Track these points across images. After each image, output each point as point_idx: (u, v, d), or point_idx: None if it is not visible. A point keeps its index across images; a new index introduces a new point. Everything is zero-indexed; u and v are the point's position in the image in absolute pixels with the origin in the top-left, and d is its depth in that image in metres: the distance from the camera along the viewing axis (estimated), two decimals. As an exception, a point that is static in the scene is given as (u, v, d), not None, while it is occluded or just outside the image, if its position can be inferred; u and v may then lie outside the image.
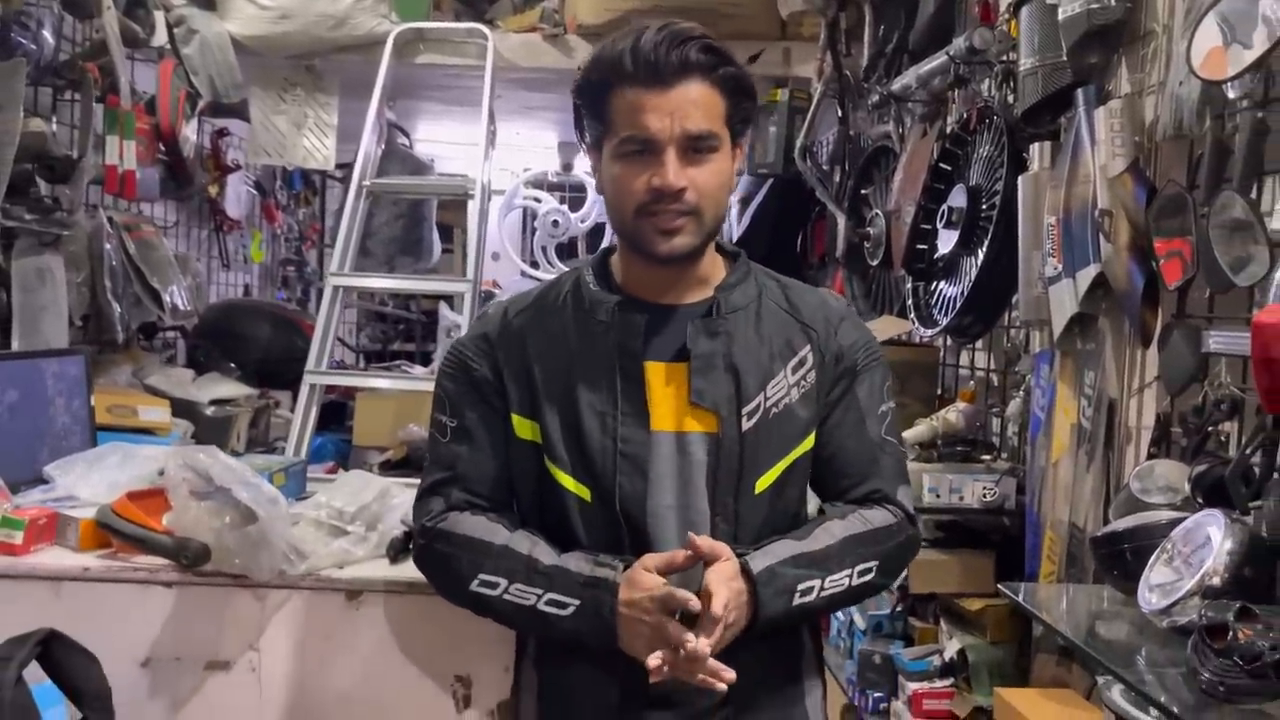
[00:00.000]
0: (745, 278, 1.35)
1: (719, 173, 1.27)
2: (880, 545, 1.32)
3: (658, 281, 1.32)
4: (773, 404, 1.30)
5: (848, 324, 1.38)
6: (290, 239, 4.99)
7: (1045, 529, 1.86)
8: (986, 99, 2.17)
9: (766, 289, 1.36)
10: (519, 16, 3.55)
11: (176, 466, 1.64)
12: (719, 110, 1.26)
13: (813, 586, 1.27)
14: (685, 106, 1.23)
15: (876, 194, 2.81)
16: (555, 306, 1.35)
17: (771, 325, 1.33)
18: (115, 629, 1.58)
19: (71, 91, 2.59)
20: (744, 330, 1.31)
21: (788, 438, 1.31)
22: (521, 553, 1.29)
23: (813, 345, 1.34)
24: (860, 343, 1.37)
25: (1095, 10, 1.66)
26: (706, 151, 1.25)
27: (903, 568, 1.43)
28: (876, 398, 1.36)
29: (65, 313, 2.41)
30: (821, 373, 1.34)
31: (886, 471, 1.36)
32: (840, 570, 1.28)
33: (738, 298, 1.32)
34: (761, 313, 1.33)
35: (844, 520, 1.32)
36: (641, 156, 1.24)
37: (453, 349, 1.41)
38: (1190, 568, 1.23)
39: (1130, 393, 1.69)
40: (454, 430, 1.35)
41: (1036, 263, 1.86)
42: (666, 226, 1.25)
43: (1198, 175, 1.48)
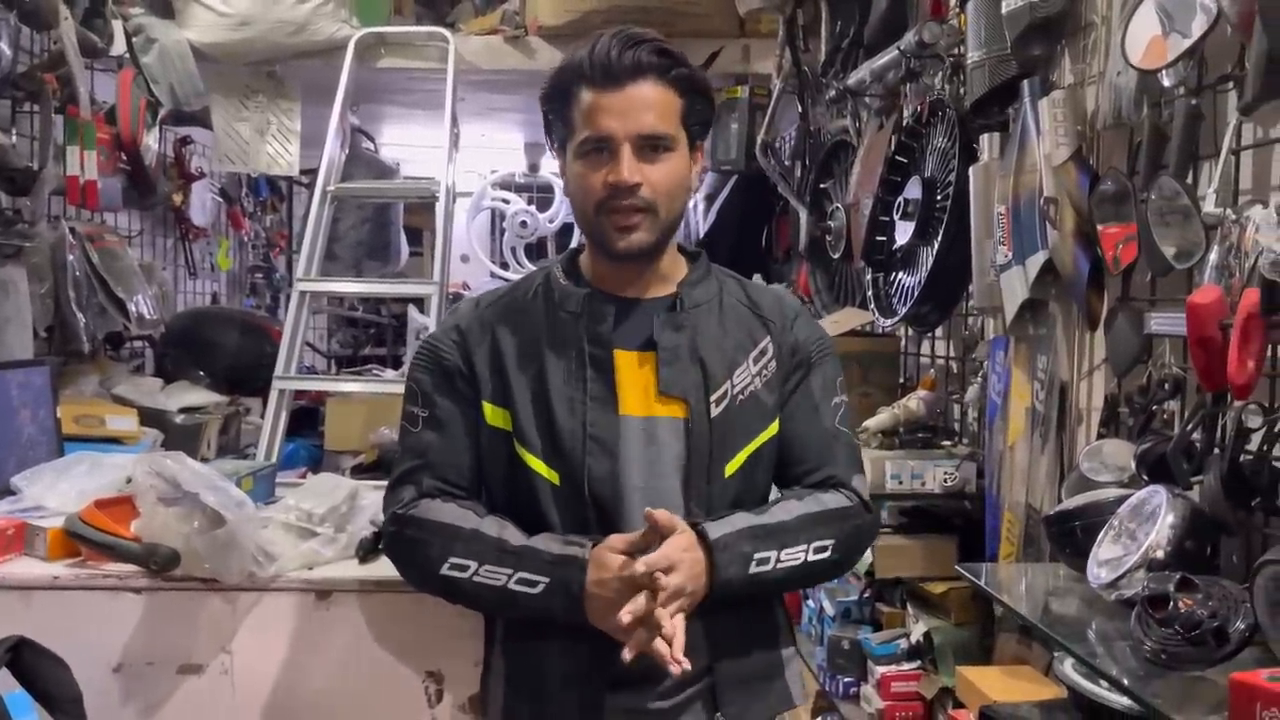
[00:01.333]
0: (706, 275, 1.42)
1: (674, 172, 1.33)
2: (836, 525, 1.37)
3: (622, 276, 1.39)
4: (739, 391, 1.36)
5: (802, 320, 1.46)
6: (258, 246, 4.97)
7: (1004, 511, 1.91)
8: (938, 92, 2.21)
9: (726, 286, 1.44)
10: (480, 19, 3.56)
11: (144, 473, 1.65)
12: (674, 110, 1.32)
13: (768, 558, 1.31)
14: (639, 107, 1.29)
15: (836, 188, 2.85)
16: (526, 300, 1.41)
17: (733, 319, 1.40)
18: (87, 636, 1.59)
19: (30, 103, 2.58)
20: (707, 323, 1.38)
21: (754, 423, 1.37)
22: (491, 535, 1.33)
23: (771, 337, 1.41)
24: (814, 338, 1.45)
25: (1037, 4, 1.70)
26: (661, 150, 1.31)
27: (859, 550, 1.47)
28: (830, 390, 1.43)
29: (29, 324, 2.41)
30: (779, 363, 1.40)
31: (840, 459, 1.42)
32: (796, 545, 1.33)
33: (699, 294, 1.39)
34: (723, 307, 1.40)
35: (800, 501, 1.38)
36: (600, 155, 1.30)
37: (424, 342, 1.46)
38: (1135, 542, 1.27)
39: (1080, 375, 1.74)
40: (425, 420, 1.39)
41: (989, 251, 1.90)
42: (623, 224, 1.31)
43: (1137, 162, 1.52)
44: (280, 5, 3.16)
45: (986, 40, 1.86)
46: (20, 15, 2.36)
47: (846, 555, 1.41)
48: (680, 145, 1.33)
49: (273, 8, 3.15)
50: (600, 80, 1.29)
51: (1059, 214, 1.64)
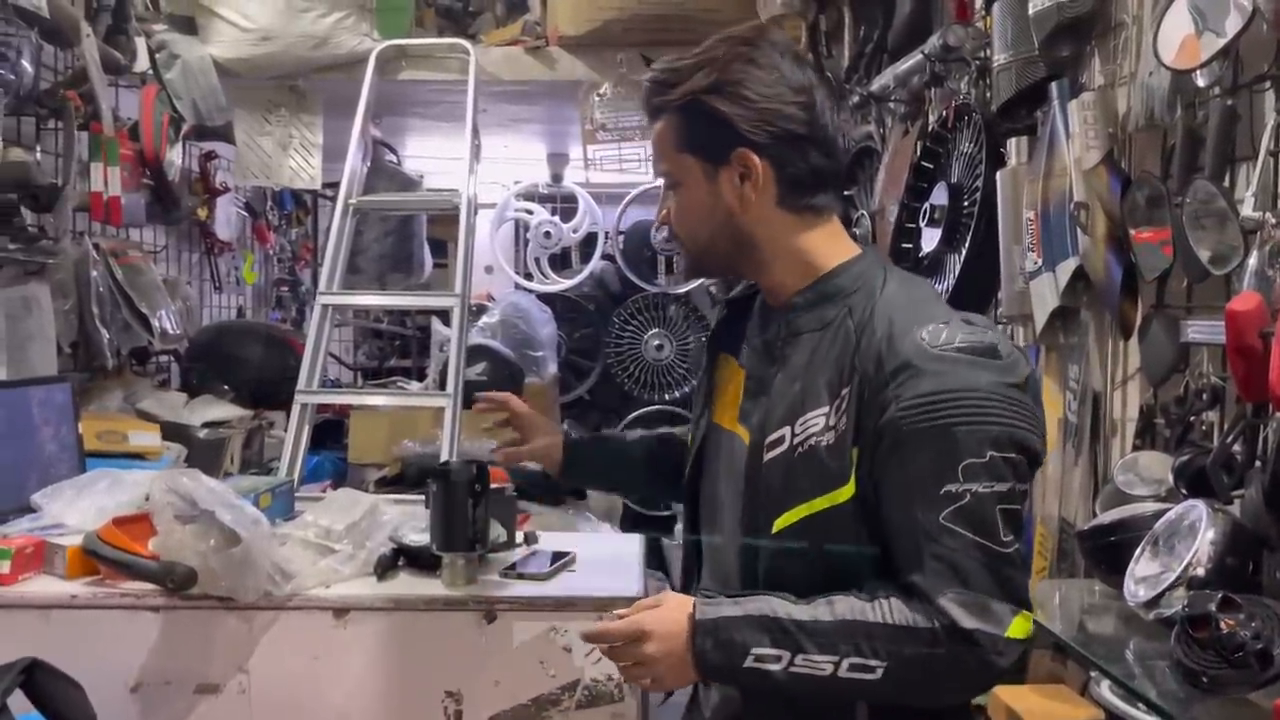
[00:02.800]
0: (830, 296, 1.20)
1: (681, 205, 1.26)
2: (896, 646, 1.07)
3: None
4: (800, 441, 1.15)
5: (912, 372, 1.09)
6: (283, 259, 4.99)
7: (1036, 524, 1.86)
8: (964, 96, 2.17)
9: (852, 310, 1.17)
10: (501, 30, 3.55)
11: (161, 491, 1.65)
12: (670, 141, 1.23)
13: (776, 656, 1.10)
14: (655, 150, 1.29)
15: (861, 194, 2.81)
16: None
17: (831, 353, 1.16)
18: (104, 655, 1.59)
19: (54, 120, 2.59)
20: (799, 356, 1.19)
21: (808, 483, 1.14)
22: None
23: (854, 386, 1.12)
24: (921, 399, 1.08)
25: (1065, 3, 1.66)
26: (674, 187, 1.27)
27: (940, 685, 1.11)
28: (941, 474, 1.07)
29: (53, 340, 2.41)
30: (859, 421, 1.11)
31: (930, 566, 1.07)
32: (822, 653, 1.08)
33: (805, 321, 1.20)
34: (827, 338, 1.17)
35: (861, 602, 1.11)
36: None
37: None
38: (1174, 559, 1.23)
39: (1114, 385, 1.69)
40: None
41: (1017, 257, 1.86)
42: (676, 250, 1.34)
43: (1171, 165, 1.47)
44: (302, 19, 3.17)
45: (1013, 42, 1.82)
46: (42, 33, 2.37)
47: (914, 685, 1.10)
48: (686, 173, 1.22)
49: (295, 22, 3.16)
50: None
51: (1090, 219, 1.59)
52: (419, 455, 3.12)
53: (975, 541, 1.07)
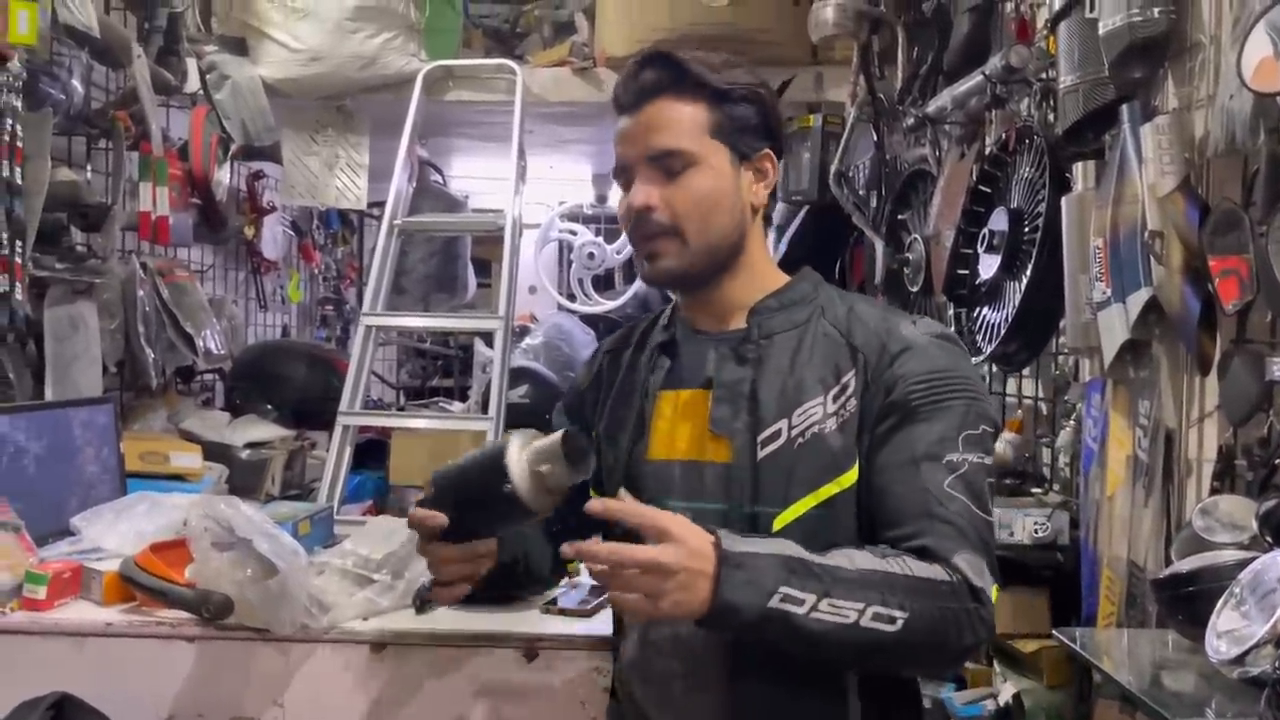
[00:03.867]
0: (794, 302, 1.26)
1: (699, 188, 1.20)
2: (916, 598, 1.08)
3: (696, 307, 1.30)
4: (799, 432, 1.17)
5: (912, 354, 1.19)
6: (329, 278, 5.01)
7: (1102, 567, 1.77)
8: (1025, 118, 2.10)
9: (829, 311, 1.25)
10: (548, 51, 3.54)
11: (198, 517, 1.62)
12: (698, 123, 1.21)
13: (802, 600, 1.05)
14: (648, 128, 1.21)
15: (914, 219, 2.74)
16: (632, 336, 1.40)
17: (817, 349, 1.22)
18: (138, 685, 1.56)
19: (104, 140, 2.60)
20: (779, 356, 1.22)
21: (816, 471, 1.17)
22: None
23: (857, 371, 1.20)
24: (926, 375, 1.18)
25: (1138, 23, 1.58)
26: (681, 169, 1.20)
27: (947, 641, 1.11)
28: (944, 443, 1.16)
29: (99, 360, 2.41)
30: (865, 402, 1.18)
31: (942, 529, 1.13)
32: (848, 600, 1.06)
33: (778, 322, 1.24)
34: (807, 337, 1.23)
35: (879, 556, 1.12)
36: (626, 186, 1.25)
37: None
38: (1262, 613, 1.15)
39: (1189, 423, 1.60)
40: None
41: (1084, 287, 1.78)
42: (646, 250, 1.23)
43: (1253, 192, 1.40)
44: (351, 40, 3.17)
45: (1081, 63, 1.75)
46: (93, 53, 2.38)
47: (927, 642, 1.10)
48: (710, 159, 1.21)
49: (344, 43, 3.16)
50: (620, 108, 1.25)
51: (1165, 248, 1.51)
52: (460, 478, 3.08)
53: (971, 509, 1.15)
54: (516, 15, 3.96)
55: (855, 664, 1.16)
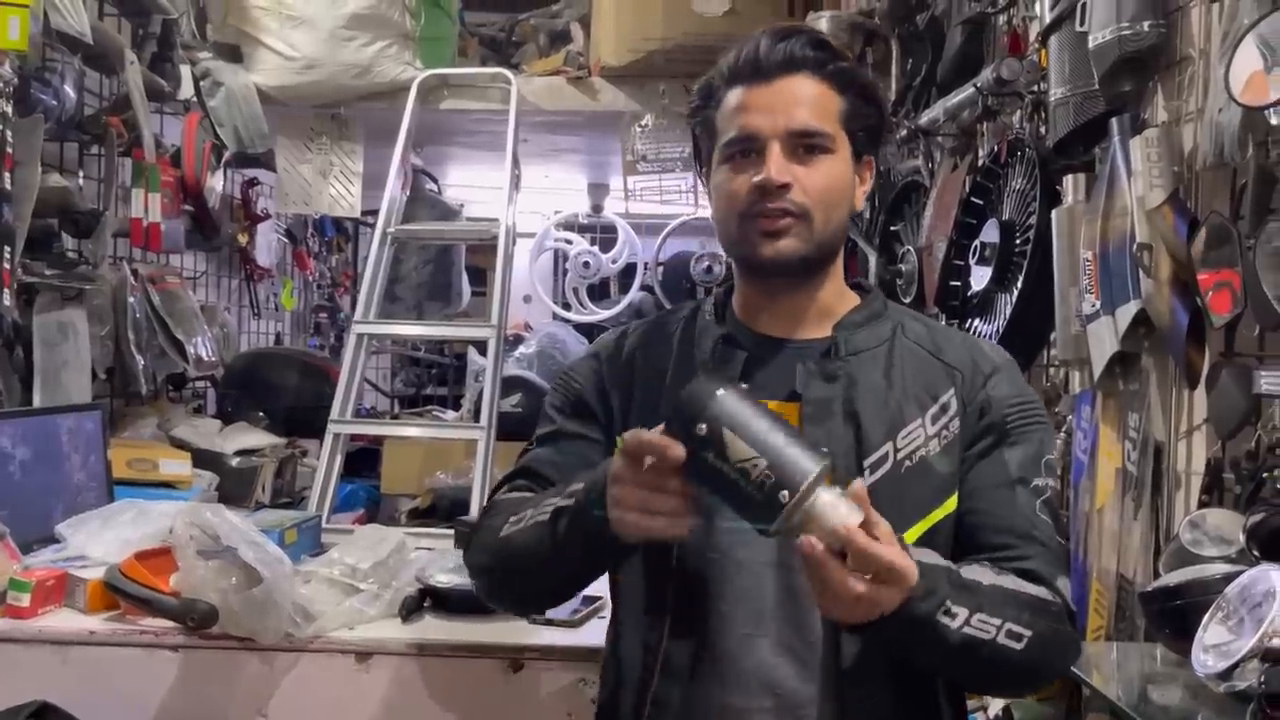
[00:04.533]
0: (876, 316, 1.21)
1: (831, 175, 1.14)
2: (1038, 618, 1.07)
3: (772, 309, 1.20)
4: (905, 455, 1.13)
5: (1002, 376, 1.18)
6: (323, 285, 5.01)
7: (1091, 580, 1.77)
8: (1017, 131, 2.10)
9: (906, 328, 1.21)
10: (544, 60, 3.55)
11: (184, 525, 1.61)
12: (833, 109, 1.15)
13: (958, 614, 1.02)
14: (790, 102, 1.13)
15: (907, 230, 2.74)
16: (667, 333, 1.25)
17: (908, 367, 1.17)
18: (122, 694, 1.55)
19: (97, 146, 2.60)
20: (870, 373, 1.16)
21: (925, 495, 1.13)
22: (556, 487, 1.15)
23: (956, 390, 1.16)
24: (1016, 399, 1.18)
25: (1127, 37, 1.59)
26: (817, 151, 1.13)
27: (1057, 667, 1.14)
28: (1031, 468, 1.15)
29: (88, 366, 2.40)
30: (964, 424, 1.15)
31: (1043, 553, 1.12)
32: (990, 615, 1.04)
33: (863, 338, 1.18)
34: (895, 354, 1.18)
35: (997, 573, 1.09)
36: (746, 158, 1.14)
37: (560, 373, 1.32)
38: (1249, 628, 1.15)
39: (1178, 436, 1.60)
40: (542, 436, 1.26)
41: (1074, 299, 1.78)
42: (770, 228, 1.12)
43: (1241, 205, 1.40)
44: (346, 48, 3.17)
45: (1071, 76, 1.75)
46: (86, 59, 2.38)
47: (1042, 661, 1.10)
48: (841, 148, 1.15)
49: (339, 51, 3.17)
50: (748, 76, 1.14)
51: (1154, 261, 1.52)
52: (451, 488, 3.08)
53: (1054, 531, 1.16)
54: (512, 24, 3.98)
55: (976, 679, 1.15)
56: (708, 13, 3.14)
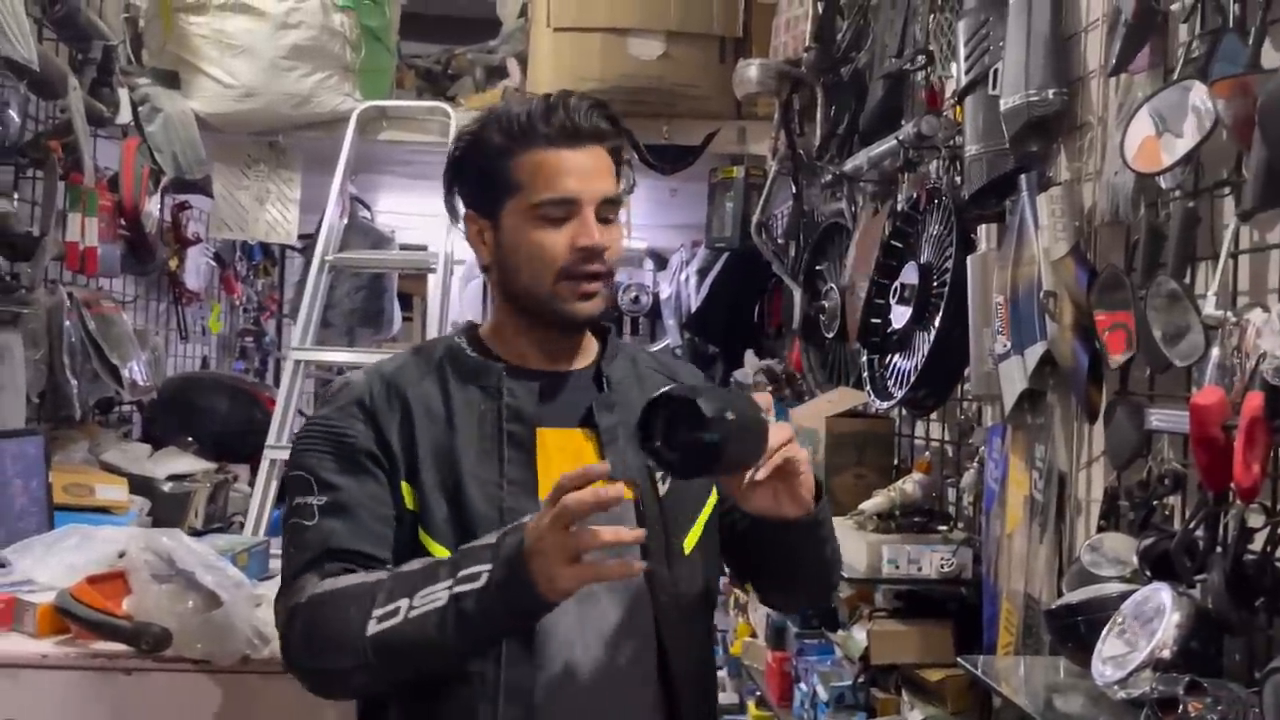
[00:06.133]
0: (618, 351, 1.36)
1: (620, 238, 1.29)
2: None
3: (551, 349, 1.29)
4: None
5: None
6: (249, 309, 4.98)
7: (1002, 600, 1.90)
8: (935, 181, 2.26)
9: (638, 358, 1.39)
10: (481, 95, 3.62)
11: (138, 549, 1.64)
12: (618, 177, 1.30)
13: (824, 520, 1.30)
14: (601, 170, 1.25)
15: (831, 269, 2.88)
16: (429, 371, 1.27)
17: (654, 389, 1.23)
18: (74, 717, 1.56)
19: (34, 169, 2.59)
20: (632, 399, 1.27)
21: (699, 494, 1.31)
22: (416, 566, 1.14)
23: None
24: None
25: (1034, 102, 1.74)
26: (615, 218, 1.27)
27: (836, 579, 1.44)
28: None
29: (23, 390, 2.39)
30: None
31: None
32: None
33: (618, 369, 1.33)
34: (641, 379, 1.34)
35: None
36: (559, 221, 1.22)
37: (311, 425, 1.27)
38: (1142, 640, 1.27)
39: (1079, 466, 1.75)
40: (323, 508, 1.19)
41: (987, 340, 1.93)
42: (586, 289, 1.23)
43: (1134, 259, 1.55)
44: (285, 78, 3.21)
45: (984, 134, 1.90)
46: (30, 84, 2.38)
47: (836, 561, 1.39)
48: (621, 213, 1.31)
49: (278, 80, 3.20)
50: (561, 139, 1.22)
51: (1058, 307, 1.66)
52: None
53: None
54: (448, 57, 4.04)
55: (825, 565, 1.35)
56: (643, 56, 3.26)
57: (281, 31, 3.18)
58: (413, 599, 1.10)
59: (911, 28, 2.41)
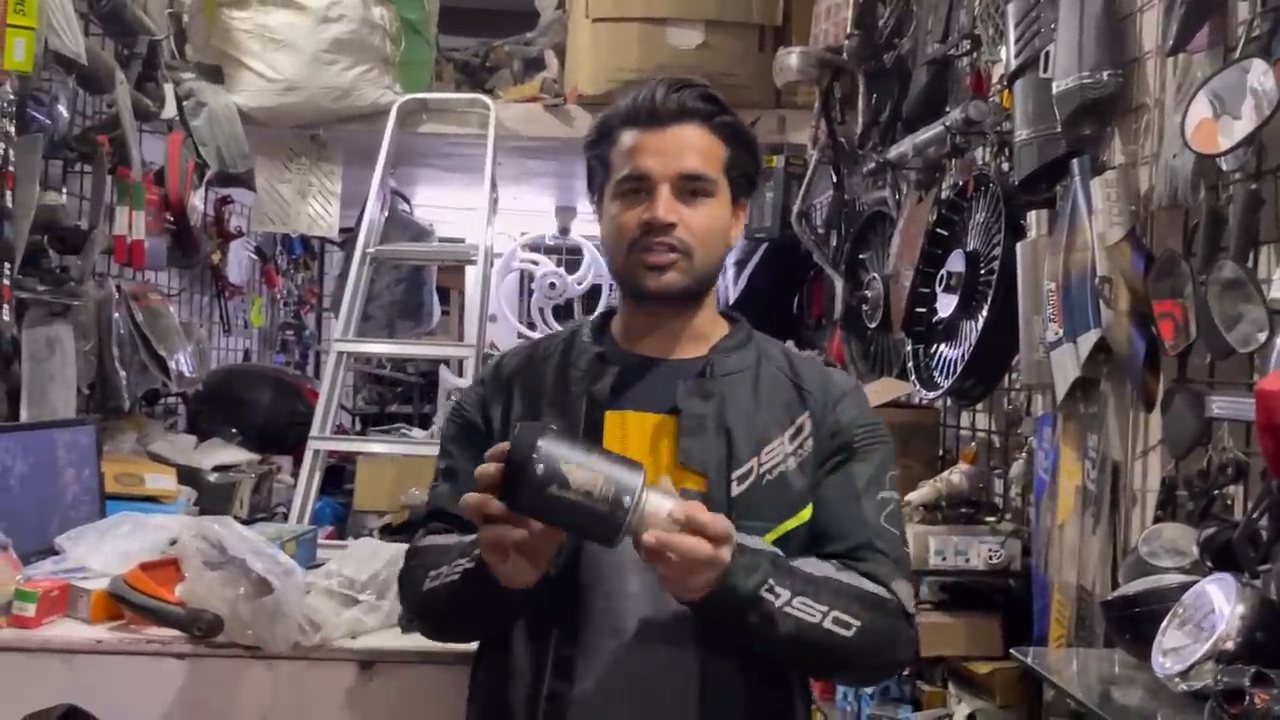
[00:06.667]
0: (744, 343, 1.35)
1: (712, 217, 1.28)
2: (869, 612, 1.21)
3: (652, 331, 1.32)
4: (766, 470, 1.26)
5: (849, 400, 1.33)
6: (289, 303, 5.02)
7: (1053, 592, 1.87)
8: (982, 167, 2.23)
9: (768, 355, 1.35)
10: (519, 87, 3.62)
11: (190, 536, 1.65)
12: (717, 156, 1.28)
13: (782, 595, 1.16)
14: (680, 147, 1.26)
15: (873, 258, 2.86)
16: (544, 355, 1.36)
17: (771, 391, 1.31)
18: (128, 702, 1.59)
19: (82, 163, 2.63)
20: (739, 394, 1.29)
21: (782, 506, 1.27)
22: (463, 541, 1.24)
23: (811, 414, 1.31)
24: (862, 422, 1.33)
25: (1088, 84, 1.71)
26: (701, 194, 1.27)
27: (887, 654, 1.26)
28: (876, 483, 1.30)
29: (74, 382, 2.43)
30: (816, 444, 1.30)
31: (883, 558, 1.27)
32: (816, 602, 1.18)
33: (734, 361, 1.32)
34: (760, 377, 1.32)
35: (836, 569, 1.24)
36: (637, 195, 1.26)
37: (452, 405, 1.43)
38: (1203, 632, 1.25)
39: (1134, 456, 1.72)
40: (443, 472, 1.36)
41: (1037, 327, 1.90)
42: (656, 261, 1.25)
43: (1193, 244, 1.52)
44: (327, 72, 3.23)
45: (1035, 118, 1.87)
46: (79, 79, 2.41)
47: (870, 649, 1.22)
48: (721, 193, 1.29)
49: (320, 74, 3.22)
50: (643, 121, 1.27)
51: (1113, 293, 1.63)
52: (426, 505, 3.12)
53: (899, 542, 1.30)
54: (486, 50, 4.05)
55: (808, 664, 1.28)
56: (682, 45, 3.25)
57: (323, 25, 3.20)
58: (450, 565, 1.23)
59: (956, 12, 2.38)
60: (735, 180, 1.31)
